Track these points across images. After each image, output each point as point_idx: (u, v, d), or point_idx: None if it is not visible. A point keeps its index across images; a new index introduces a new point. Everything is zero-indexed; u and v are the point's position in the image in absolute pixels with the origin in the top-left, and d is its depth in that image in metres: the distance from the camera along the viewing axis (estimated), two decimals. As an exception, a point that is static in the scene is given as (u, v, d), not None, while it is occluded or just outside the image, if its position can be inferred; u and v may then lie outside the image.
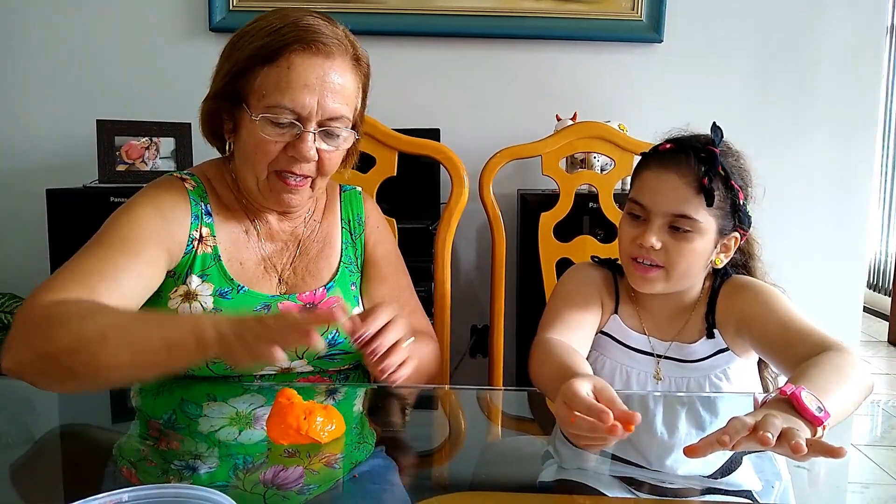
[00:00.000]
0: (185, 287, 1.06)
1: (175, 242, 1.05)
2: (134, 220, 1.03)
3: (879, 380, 3.37)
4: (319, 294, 1.13)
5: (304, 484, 0.77)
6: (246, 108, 1.02)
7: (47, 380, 0.88)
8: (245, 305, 1.07)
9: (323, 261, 1.16)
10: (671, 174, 1.00)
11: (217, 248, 1.08)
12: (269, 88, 1.00)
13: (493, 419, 1.13)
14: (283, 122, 1.01)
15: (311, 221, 1.18)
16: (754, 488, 0.81)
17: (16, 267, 2.26)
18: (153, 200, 1.06)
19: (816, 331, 0.96)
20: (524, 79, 2.29)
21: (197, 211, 1.08)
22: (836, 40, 2.27)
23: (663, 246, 1.01)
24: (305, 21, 1.02)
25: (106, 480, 0.80)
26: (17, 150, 2.28)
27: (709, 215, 1.00)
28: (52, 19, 2.24)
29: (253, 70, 1.01)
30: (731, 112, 2.28)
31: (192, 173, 1.13)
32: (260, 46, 1.01)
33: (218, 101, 1.06)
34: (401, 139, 1.45)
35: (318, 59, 1.01)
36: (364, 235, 1.21)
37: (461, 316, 2.10)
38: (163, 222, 1.04)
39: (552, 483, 0.82)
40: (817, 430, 0.74)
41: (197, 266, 1.06)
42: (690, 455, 0.69)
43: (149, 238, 1.02)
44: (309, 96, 1.00)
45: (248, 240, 1.12)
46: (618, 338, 1.11)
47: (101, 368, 0.84)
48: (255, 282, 1.10)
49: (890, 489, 0.83)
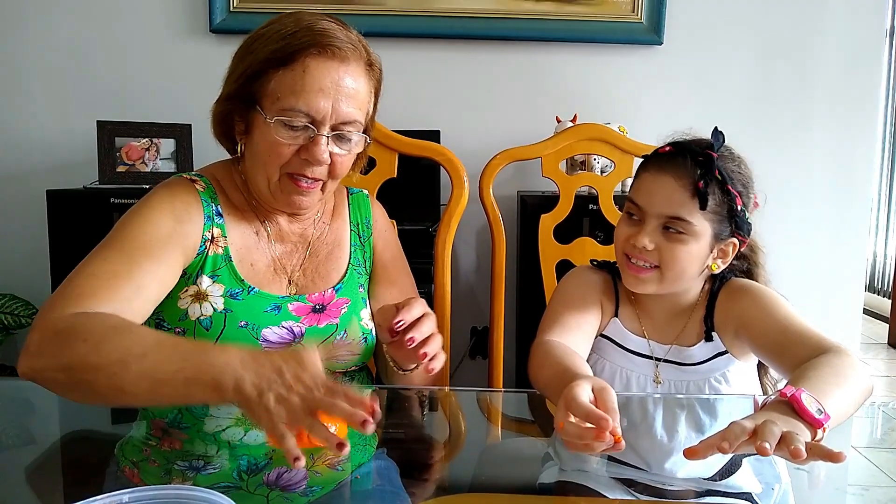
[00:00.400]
0: (195, 287, 1.06)
1: (190, 243, 1.05)
2: (149, 221, 1.02)
3: (880, 382, 3.37)
4: (328, 295, 1.13)
5: (308, 485, 0.77)
6: (260, 110, 1.02)
7: (63, 389, 0.86)
8: (255, 306, 1.07)
9: (332, 262, 1.17)
10: (667, 176, 1.01)
11: (228, 248, 1.08)
12: (284, 91, 1.00)
13: (493, 421, 1.14)
14: (296, 125, 1.01)
15: (321, 223, 1.19)
16: (754, 491, 0.81)
17: (16, 268, 2.26)
18: (166, 201, 1.06)
19: (815, 333, 0.96)
20: (524, 81, 2.30)
21: (209, 212, 1.08)
22: (835, 42, 2.28)
23: (656, 247, 1.01)
24: (321, 25, 1.02)
25: (108, 481, 0.81)
26: (18, 151, 2.28)
27: (703, 219, 1.00)
28: (52, 20, 2.24)
29: (267, 73, 1.01)
30: (731, 114, 2.28)
31: (200, 174, 1.13)
32: (275, 50, 1.01)
33: (231, 103, 1.06)
34: (401, 141, 1.45)
35: (334, 63, 1.01)
36: (373, 239, 1.22)
37: (461, 317, 2.11)
38: (177, 223, 1.04)
39: (552, 485, 0.82)
40: (817, 432, 0.74)
41: (208, 267, 1.06)
42: (690, 457, 0.69)
43: (166, 240, 1.01)
44: (323, 100, 1.00)
45: (259, 241, 1.12)
46: (618, 341, 1.12)
47: (119, 392, 0.82)
48: (266, 283, 1.10)
49: (890, 491, 0.83)
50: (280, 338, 1.07)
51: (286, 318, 1.08)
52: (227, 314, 1.04)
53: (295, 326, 1.08)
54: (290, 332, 1.08)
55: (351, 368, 1.13)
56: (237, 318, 1.05)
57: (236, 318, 1.05)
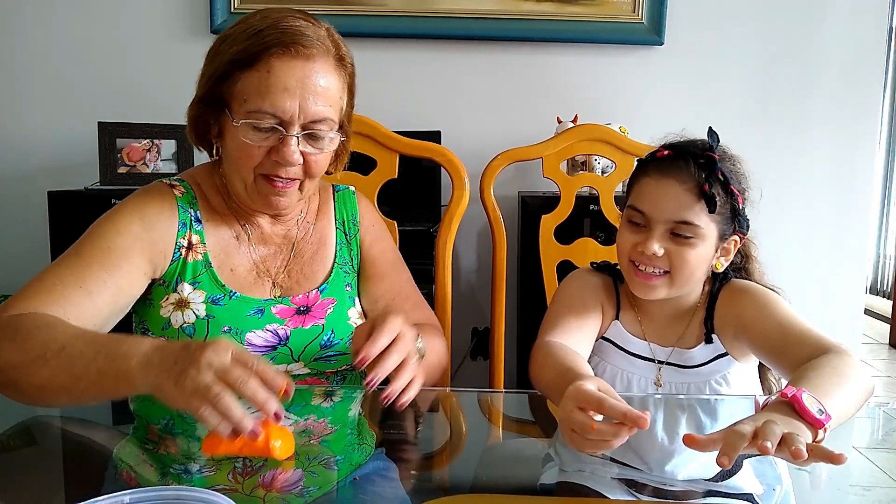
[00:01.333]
0: (176, 295, 1.06)
1: (158, 251, 1.05)
2: (115, 229, 1.02)
3: (881, 382, 3.36)
4: (313, 296, 1.12)
5: (304, 486, 0.77)
6: (228, 112, 1.01)
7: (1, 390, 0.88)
8: (238, 311, 1.07)
9: (317, 263, 1.16)
10: (671, 181, 1.01)
11: (207, 255, 1.08)
12: (250, 93, 0.98)
13: (493, 421, 1.13)
14: (264, 126, 0.99)
15: (305, 223, 1.18)
16: (755, 492, 0.81)
17: (17, 269, 2.25)
18: (138, 208, 1.05)
19: (816, 333, 0.96)
20: (525, 81, 2.29)
21: (185, 218, 1.08)
22: (836, 43, 2.27)
23: (665, 252, 1.01)
24: (285, 23, 1.00)
25: (106, 483, 0.80)
26: (19, 152, 2.28)
27: (710, 221, 1.00)
28: (53, 21, 2.24)
29: (233, 75, 1.00)
30: (732, 114, 2.28)
31: (182, 179, 1.13)
32: (239, 50, 0.99)
33: (202, 106, 1.05)
34: (402, 141, 1.45)
35: (298, 62, 0.99)
36: (359, 235, 1.21)
37: (462, 318, 2.10)
38: (146, 231, 1.04)
39: (553, 485, 0.82)
40: (818, 432, 0.74)
41: (188, 274, 1.06)
42: (689, 444, 0.69)
43: (129, 248, 1.01)
44: (290, 100, 0.98)
45: (239, 245, 1.11)
46: (619, 343, 1.11)
47: (40, 390, 0.84)
48: (248, 287, 1.09)
49: (891, 492, 0.83)
50: (265, 341, 1.07)
51: (270, 322, 1.08)
52: (210, 320, 1.05)
53: (280, 329, 1.08)
54: (275, 336, 1.07)
55: (342, 368, 1.12)
56: (220, 323, 1.05)
57: (219, 324, 1.05)
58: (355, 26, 2.15)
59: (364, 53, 2.28)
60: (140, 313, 1.09)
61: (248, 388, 0.71)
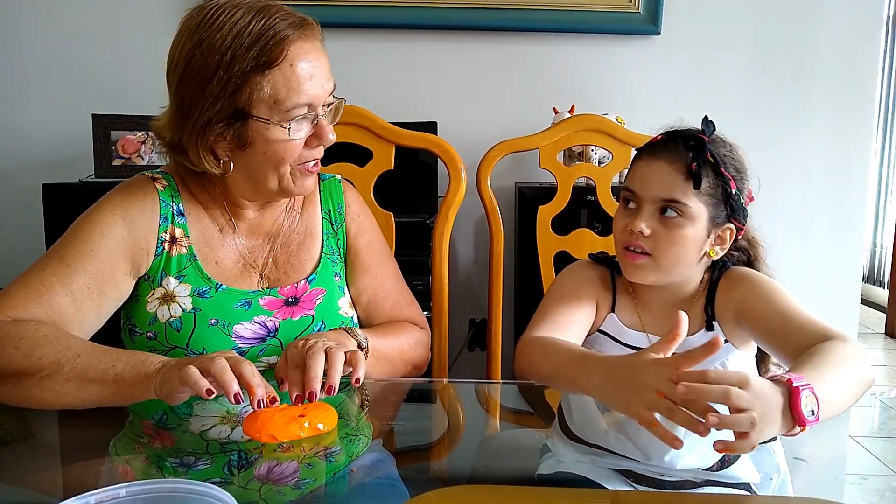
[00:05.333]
0: (162, 289, 1.05)
1: (140, 249, 1.05)
2: (97, 230, 1.02)
3: (878, 372, 3.38)
4: (301, 287, 1.12)
5: (300, 478, 0.77)
6: (257, 119, 0.99)
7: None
8: (224, 303, 1.06)
9: (304, 253, 1.15)
10: (661, 161, 1.01)
11: (192, 247, 1.08)
12: (282, 91, 0.97)
13: (491, 412, 1.13)
14: (306, 117, 1.01)
15: (292, 213, 1.17)
16: (753, 480, 0.81)
17: (12, 262, 2.24)
18: (120, 207, 1.05)
19: (817, 321, 0.95)
20: (521, 71, 2.29)
21: (166, 212, 1.07)
22: (833, 32, 2.27)
23: (653, 233, 1.01)
24: (277, 13, 0.99)
25: (103, 476, 0.80)
26: (13, 145, 2.27)
27: (699, 201, 1.00)
28: (46, 13, 2.22)
29: (253, 81, 0.97)
30: (729, 104, 2.28)
31: (165, 171, 1.12)
32: (257, 55, 0.96)
33: (208, 128, 0.99)
34: (398, 132, 1.44)
35: (307, 44, 1.00)
36: (346, 224, 1.20)
37: (459, 309, 2.10)
38: (128, 230, 1.04)
39: (551, 476, 0.82)
40: (795, 427, 0.74)
41: (173, 267, 1.06)
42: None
43: (112, 250, 1.02)
44: (317, 84, 1.01)
45: (224, 237, 1.11)
46: (616, 336, 1.11)
47: (48, 392, 0.88)
48: (234, 279, 1.09)
49: (888, 481, 0.83)
50: (254, 333, 1.06)
51: (258, 314, 1.07)
52: (197, 313, 1.04)
53: (268, 321, 1.08)
54: (264, 327, 1.07)
55: None
56: (207, 316, 1.05)
57: (206, 317, 1.05)
58: (351, 16, 2.14)
59: (360, 44, 2.29)
60: (127, 310, 1.08)
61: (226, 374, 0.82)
